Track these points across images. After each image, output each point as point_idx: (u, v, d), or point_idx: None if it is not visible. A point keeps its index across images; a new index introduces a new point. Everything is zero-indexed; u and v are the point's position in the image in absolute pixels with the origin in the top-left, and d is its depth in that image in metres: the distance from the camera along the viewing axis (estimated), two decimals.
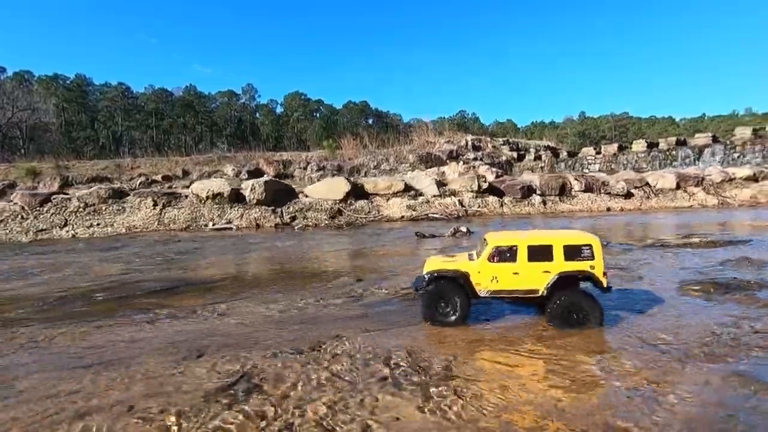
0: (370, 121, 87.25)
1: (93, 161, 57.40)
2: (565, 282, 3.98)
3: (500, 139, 52.46)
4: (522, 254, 4.00)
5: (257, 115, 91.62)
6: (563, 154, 41.86)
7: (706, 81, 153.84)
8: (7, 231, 16.46)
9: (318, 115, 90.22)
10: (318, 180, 35.07)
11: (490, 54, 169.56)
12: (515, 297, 4.17)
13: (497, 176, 30.70)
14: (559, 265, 3.94)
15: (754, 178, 19.53)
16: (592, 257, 3.90)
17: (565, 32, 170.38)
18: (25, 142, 66.35)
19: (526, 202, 20.55)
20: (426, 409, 2.58)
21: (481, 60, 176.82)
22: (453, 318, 4.17)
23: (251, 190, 19.50)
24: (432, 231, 12.14)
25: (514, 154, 45.47)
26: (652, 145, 34.28)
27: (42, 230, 16.91)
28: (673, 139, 34.14)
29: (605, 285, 4.00)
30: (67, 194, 19.69)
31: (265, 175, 44.40)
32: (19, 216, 17.09)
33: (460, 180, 21.26)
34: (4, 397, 2.94)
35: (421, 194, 20.92)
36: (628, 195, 20.21)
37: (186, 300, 5.61)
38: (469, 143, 49.45)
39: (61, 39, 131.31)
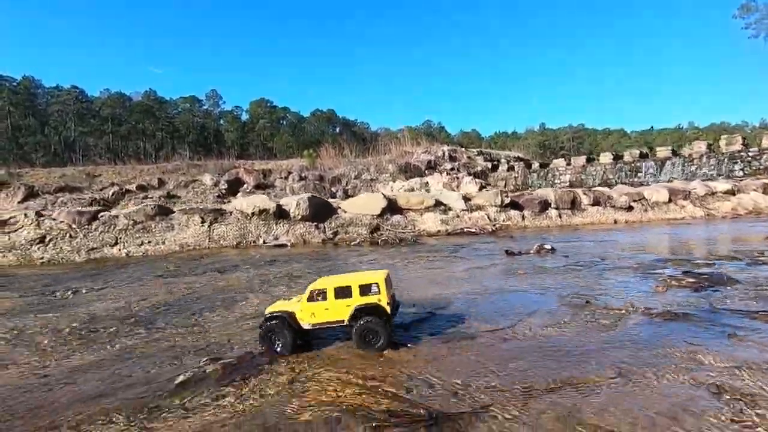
0: (338, 130, 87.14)
1: (48, 169, 52.90)
2: (362, 312, 5.00)
3: (474, 150, 54.69)
4: (330, 294, 5.07)
5: (221, 121, 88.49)
6: (535, 165, 44.15)
7: (654, 95, 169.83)
8: (58, 250, 15.33)
9: (285, 122, 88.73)
10: (300, 190, 34.78)
11: (454, 64, 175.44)
12: (328, 326, 5.16)
13: (480, 187, 32.12)
14: (357, 300, 5.02)
15: (731, 192, 22.36)
16: (379, 292, 5.01)
17: (527, 45, 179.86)
18: None
19: (544, 216, 22.04)
20: None
21: (445, 70, 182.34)
22: (279, 349, 5.09)
23: (296, 206, 19.44)
24: (519, 248, 13.03)
25: (489, 165, 47.14)
26: (617, 157, 37.33)
27: (93, 249, 15.93)
28: (637, 152, 37.45)
29: (389, 312, 5.03)
30: (109, 210, 18.58)
31: (245, 185, 43.27)
32: (68, 235, 15.90)
33: (484, 195, 22.39)
34: None
35: (450, 209, 21.77)
36: (629, 208, 22.34)
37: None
38: (446, 154, 50.90)
39: (4, 38, 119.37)
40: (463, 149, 55.55)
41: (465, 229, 20.05)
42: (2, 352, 5.60)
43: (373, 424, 3.36)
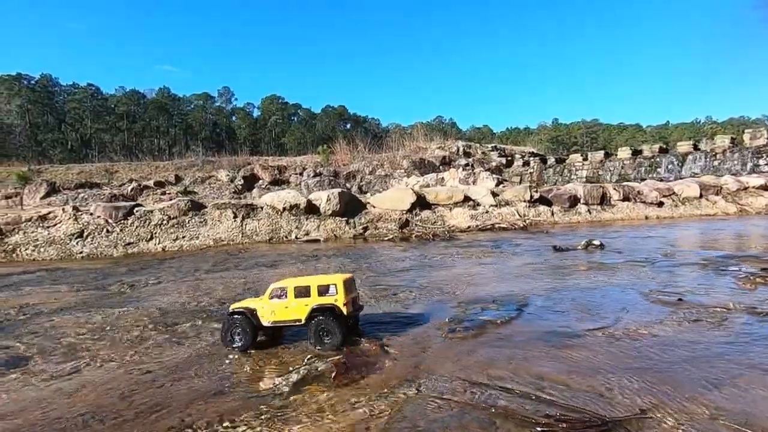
0: (348, 126, 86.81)
1: (66, 165, 53.16)
2: (318, 312, 5.03)
3: (489, 146, 54.13)
4: (291, 293, 5.12)
5: (233, 118, 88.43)
6: (551, 161, 43.32)
7: (669, 90, 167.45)
8: (96, 245, 15.23)
9: (296, 119, 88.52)
10: (315, 186, 34.38)
11: (465, 60, 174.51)
12: (287, 325, 5.17)
13: (497, 183, 31.51)
14: (314, 300, 5.06)
15: (765, 187, 21.83)
16: (336, 293, 5.04)
17: (538, 39, 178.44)
18: None
19: (574, 211, 21.63)
20: None
21: (455, 65, 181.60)
22: (239, 344, 5.11)
23: (327, 201, 19.20)
24: (564, 243, 12.75)
25: (503, 160, 46.45)
26: (636, 152, 36.46)
27: (129, 244, 15.81)
28: (656, 146, 36.67)
29: (345, 312, 5.02)
30: (143, 206, 18.46)
31: (261, 181, 43.00)
32: (104, 230, 15.78)
33: (513, 190, 22.04)
34: None
35: (479, 204, 21.44)
36: (660, 204, 21.88)
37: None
38: (461, 149, 50.36)
39: (23, 37, 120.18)
40: (478, 145, 54.96)
41: (496, 225, 19.70)
42: (91, 348, 5.39)
43: (539, 429, 3.09)
